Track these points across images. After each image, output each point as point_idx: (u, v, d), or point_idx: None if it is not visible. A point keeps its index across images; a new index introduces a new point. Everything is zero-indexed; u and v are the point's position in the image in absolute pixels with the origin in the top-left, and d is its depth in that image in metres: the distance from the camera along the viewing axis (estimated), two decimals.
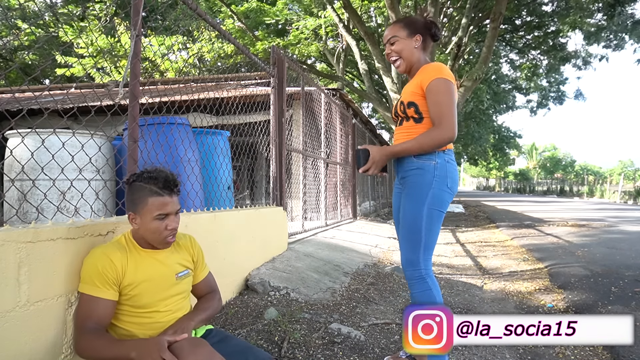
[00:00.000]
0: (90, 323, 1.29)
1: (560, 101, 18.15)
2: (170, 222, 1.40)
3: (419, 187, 1.70)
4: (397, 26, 1.82)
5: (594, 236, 6.09)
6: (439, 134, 1.65)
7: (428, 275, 1.72)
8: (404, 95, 1.78)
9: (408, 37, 1.78)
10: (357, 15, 11.07)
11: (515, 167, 59.58)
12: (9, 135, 2.83)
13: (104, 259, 1.34)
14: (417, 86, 1.73)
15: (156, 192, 1.37)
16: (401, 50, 1.79)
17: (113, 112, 1.94)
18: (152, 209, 1.36)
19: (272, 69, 3.77)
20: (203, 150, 3.25)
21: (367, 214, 9.55)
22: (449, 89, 1.66)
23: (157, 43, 9.46)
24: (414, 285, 1.73)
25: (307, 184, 6.06)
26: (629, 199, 20.71)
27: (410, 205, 1.71)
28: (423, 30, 1.79)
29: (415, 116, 1.73)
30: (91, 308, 1.31)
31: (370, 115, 20.90)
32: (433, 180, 1.69)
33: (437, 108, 1.65)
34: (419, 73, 1.75)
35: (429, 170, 1.69)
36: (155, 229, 1.38)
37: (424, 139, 1.67)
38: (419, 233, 1.69)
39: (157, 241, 1.42)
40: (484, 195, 33.01)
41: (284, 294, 2.78)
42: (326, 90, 6.81)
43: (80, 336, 1.29)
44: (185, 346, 1.19)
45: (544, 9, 12.56)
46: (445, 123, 1.64)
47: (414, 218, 1.70)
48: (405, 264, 1.74)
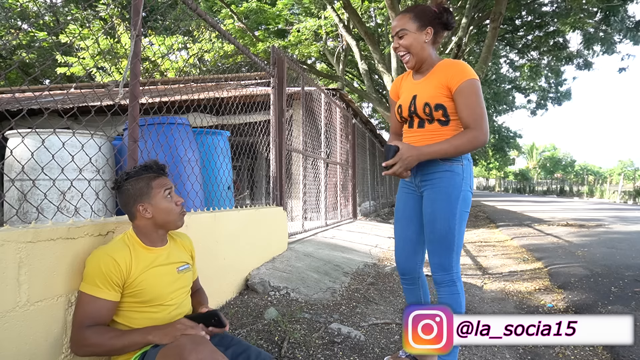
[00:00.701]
0: (89, 322, 1.29)
1: (559, 102, 18.17)
2: (176, 198, 1.50)
3: (450, 190, 1.65)
4: (406, 17, 1.69)
5: (593, 236, 6.09)
6: (476, 137, 1.59)
7: (458, 279, 1.69)
8: (426, 96, 1.67)
9: (418, 30, 1.67)
10: (357, 15, 11.06)
11: (515, 167, 59.59)
12: (9, 135, 2.82)
13: (107, 260, 1.34)
14: (442, 87, 1.64)
15: (155, 175, 1.48)
16: (410, 45, 1.68)
17: (113, 112, 1.94)
18: (159, 189, 1.46)
19: (272, 69, 3.78)
20: (203, 150, 3.25)
21: (367, 214, 9.55)
22: (480, 91, 1.61)
23: (157, 43, 9.47)
24: (442, 289, 1.69)
25: (307, 184, 6.06)
26: (628, 199, 20.71)
27: (442, 208, 1.66)
28: (434, 22, 1.69)
29: (442, 119, 1.66)
30: (91, 308, 1.31)
31: (370, 115, 20.90)
32: (462, 183, 1.66)
33: (471, 110, 1.59)
34: (439, 71, 1.67)
35: (458, 172, 1.66)
36: (168, 207, 1.46)
37: (460, 141, 1.59)
38: (452, 236, 1.65)
39: (174, 219, 1.47)
40: (484, 195, 33.02)
41: (284, 294, 2.78)
42: (326, 90, 6.82)
43: (79, 334, 1.29)
44: (187, 344, 1.19)
45: (544, 9, 12.55)
46: (481, 126, 1.59)
47: (448, 222, 1.65)
48: (436, 268, 1.70)
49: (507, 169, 56.31)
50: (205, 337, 1.28)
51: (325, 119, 6.30)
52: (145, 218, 1.44)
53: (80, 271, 1.43)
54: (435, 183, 1.68)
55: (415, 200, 1.80)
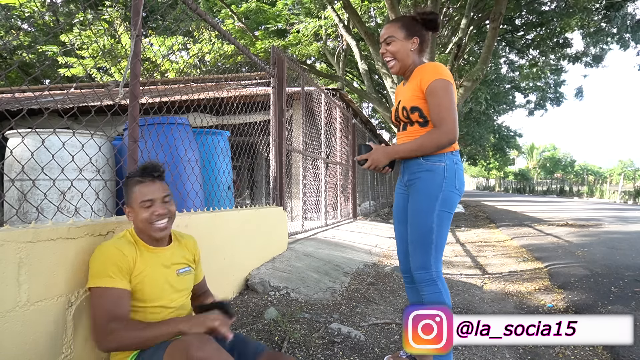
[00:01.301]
0: (111, 315, 1.27)
1: (558, 103, 18.17)
2: (157, 208, 1.43)
3: (429, 189, 1.69)
4: (395, 26, 1.78)
5: (593, 236, 6.09)
6: (440, 136, 1.64)
7: (439, 278, 1.71)
8: (405, 99, 1.75)
9: (405, 39, 1.76)
10: (357, 15, 11.06)
11: (515, 167, 59.60)
12: (9, 135, 2.82)
13: (115, 251, 1.35)
14: (417, 89, 1.71)
15: (138, 181, 1.45)
16: (396, 51, 1.77)
17: (113, 112, 1.94)
18: (137, 197, 1.43)
19: (272, 69, 3.78)
20: (203, 150, 3.25)
21: (367, 214, 9.55)
22: (448, 90, 1.65)
23: (157, 43, 9.47)
24: (424, 288, 1.72)
25: (307, 184, 6.06)
26: (628, 199, 20.71)
27: (420, 207, 1.70)
28: (421, 32, 1.77)
29: (420, 120, 1.72)
30: (109, 300, 1.29)
31: (370, 115, 20.89)
32: (443, 183, 1.68)
33: (437, 110, 1.64)
34: (416, 74, 1.73)
35: (438, 172, 1.68)
36: (144, 217, 1.42)
37: (425, 140, 1.66)
38: (430, 236, 1.68)
39: (150, 229, 1.43)
40: (484, 195, 33.03)
41: (284, 293, 2.78)
42: (326, 90, 6.82)
43: (104, 329, 1.26)
44: (194, 342, 1.20)
45: (544, 9, 12.56)
46: (446, 124, 1.63)
47: (425, 221, 1.68)
48: (416, 267, 1.73)
49: (507, 169, 56.30)
50: (209, 336, 1.27)
51: (325, 119, 6.30)
52: (130, 217, 1.47)
53: (80, 271, 1.43)
54: (415, 182, 1.74)
55: (405, 200, 1.84)
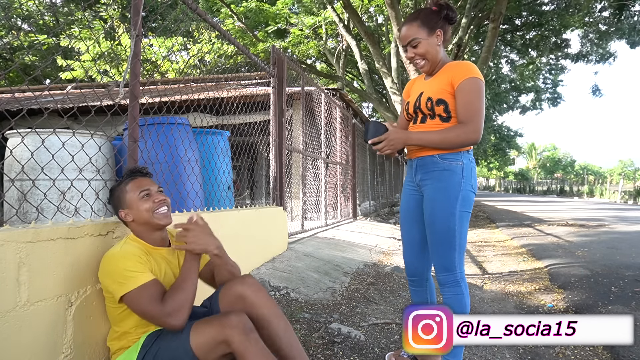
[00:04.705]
0: (159, 302, 1.31)
1: (555, 103, 18.16)
2: (156, 196, 1.45)
3: (448, 189, 1.65)
4: (415, 25, 1.68)
5: (594, 236, 6.09)
6: (466, 133, 1.59)
7: (462, 279, 1.69)
8: (431, 91, 1.68)
9: (429, 35, 1.67)
10: (357, 15, 11.06)
11: (515, 167, 59.61)
12: (9, 135, 2.82)
13: (130, 253, 1.36)
14: (447, 84, 1.65)
15: (130, 179, 1.48)
16: (426, 52, 1.68)
17: (113, 112, 1.94)
18: (134, 191, 1.44)
19: (272, 69, 3.78)
20: (203, 150, 3.25)
21: (367, 214, 9.55)
22: (481, 89, 1.62)
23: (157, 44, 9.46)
24: (447, 290, 1.68)
25: (307, 184, 6.06)
26: (629, 199, 20.70)
27: (441, 208, 1.66)
28: (441, 23, 1.68)
29: (443, 115, 1.66)
30: (150, 292, 1.31)
31: (370, 115, 20.89)
32: (461, 182, 1.65)
33: (467, 107, 1.60)
34: (447, 70, 1.68)
35: (456, 171, 1.65)
36: (147, 207, 1.43)
37: (449, 134, 1.61)
38: (453, 237, 1.65)
39: (154, 218, 1.43)
40: (484, 195, 33.01)
41: (284, 293, 2.78)
42: (326, 90, 6.81)
43: (164, 315, 1.29)
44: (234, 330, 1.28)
45: (544, 9, 12.55)
46: (474, 123, 1.59)
47: (447, 222, 1.64)
48: (440, 269, 1.69)
49: (507, 168, 56.33)
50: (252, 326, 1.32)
51: (325, 119, 6.30)
52: (131, 222, 1.46)
53: (80, 271, 1.43)
54: (434, 182, 1.69)
55: (416, 200, 1.80)
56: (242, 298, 1.44)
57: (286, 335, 1.43)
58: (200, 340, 1.28)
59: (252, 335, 1.28)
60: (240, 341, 1.25)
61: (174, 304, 1.30)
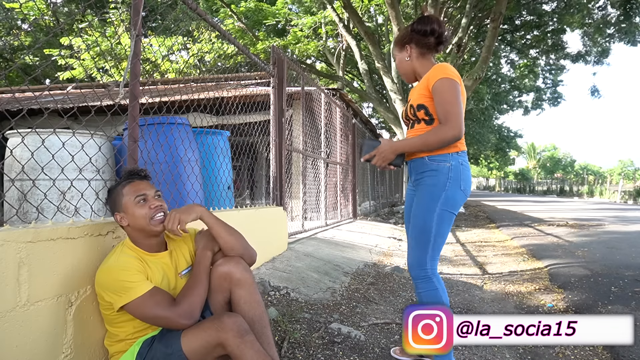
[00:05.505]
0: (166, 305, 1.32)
1: (555, 103, 18.16)
2: (152, 202, 1.43)
3: (432, 188, 1.71)
4: (394, 43, 1.90)
5: (594, 236, 6.09)
6: (444, 132, 1.65)
7: (434, 275, 1.73)
8: (413, 98, 1.79)
9: (399, 52, 1.85)
10: (357, 15, 11.06)
11: (515, 167, 59.57)
12: (9, 135, 2.82)
13: (125, 266, 1.34)
14: (424, 88, 1.74)
15: (128, 182, 1.46)
16: (398, 66, 1.88)
17: (113, 112, 1.94)
18: (130, 195, 1.42)
19: (272, 69, 3.77)
20: (203, 150, 3.25)
21: (367, 214, 9.54)
22: (453, 88, 1.66)
23: (157, 44, 9.46)
24: (419, 285, 1.74)
25: (307, 184, 6.06)
26: (629, 199, 20.70)
27: (422, 206, 1.72)
28: (410, 40, 1.80)
29: (425, 118, 1.74)
30: (155, 299, 1.31)
31: (370, 115, 20.90)
32: (447, 182, 1.69)
33: (442, 107, 1.66)
34: (425, 76, 1.76)
35: (443, 172, 1.70)
36: (142, 213, 1.41)
37: (430, 136, 1.68)
38: (429, 234, 1.70)
39: (150, 225, 1.42)
40: (484, 195, 33.02)
41: (284, 293, 2.78)
42: (326, 90, 6.81)
43: (176, 316, 1.31)
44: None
45: (544, 8, 12.56)
46: (451, 121, 1.64)
47: (425, 219, 1.70)
48: (412, 264, 1.75)
49: (507, 168, 56.28)
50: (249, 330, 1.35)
51: (325, 119, 6.30)
52: (126, 227, 1.44)
53: (80, 271, 1.43)
54: (420, 182, 1.76)
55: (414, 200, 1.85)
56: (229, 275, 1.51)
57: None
58: (193, 346, 1.28)
59: (247, 338, 1.28)
60: (236, 344, 1.25)
61: (187, 306, 1.33)
